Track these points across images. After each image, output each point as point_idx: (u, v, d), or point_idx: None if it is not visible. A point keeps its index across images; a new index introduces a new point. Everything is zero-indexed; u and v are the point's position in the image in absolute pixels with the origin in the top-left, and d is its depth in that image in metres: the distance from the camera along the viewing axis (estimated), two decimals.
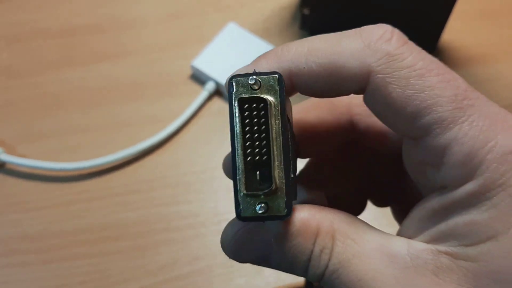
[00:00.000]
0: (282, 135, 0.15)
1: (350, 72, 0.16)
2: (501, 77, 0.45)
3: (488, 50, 0.47)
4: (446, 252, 0.16)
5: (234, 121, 0.15)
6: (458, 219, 0.16)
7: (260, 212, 0.15)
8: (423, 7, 0.42)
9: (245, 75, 0.16)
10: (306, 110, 0.22)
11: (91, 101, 0.44)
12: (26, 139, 0.42)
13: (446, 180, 0.16)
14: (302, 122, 0.22)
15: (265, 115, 0.15)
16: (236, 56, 0.45)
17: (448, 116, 0.16)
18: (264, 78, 0.16)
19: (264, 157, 0.15)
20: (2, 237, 0.38)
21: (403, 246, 0.17)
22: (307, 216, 0.17)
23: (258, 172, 0.16)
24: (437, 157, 0.16)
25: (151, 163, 0.42)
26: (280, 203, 0.16)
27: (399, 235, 0.18)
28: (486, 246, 0.15)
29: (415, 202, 0.19)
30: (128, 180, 0.41)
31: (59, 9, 0.49)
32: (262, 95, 0.15)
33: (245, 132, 0.15)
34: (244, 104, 0.16)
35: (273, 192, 0.15)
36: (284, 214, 0.16)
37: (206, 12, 0.49)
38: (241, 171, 0.15)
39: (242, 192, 0.16)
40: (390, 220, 0.26)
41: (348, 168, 0.24)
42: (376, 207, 0.27)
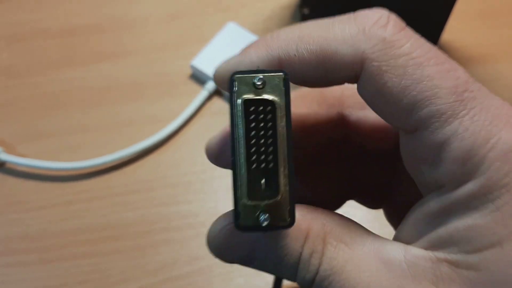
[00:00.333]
0: (287, 138, 0.14)
1: (343, 59, 0.15)
2: (501, 77, 0.45)
3: (488, 50, 0.47)
4: (446, 260, 0.15)
5: (237, 123, 0.14)
6: (458, 223, 0.15)
7: (264, 224, 0.14)
8: (423, 7, 0.42)
9: (248, 72, 0.15)
10: (293, 101, 0.20)
11: (91, 101, 0.44)
12: (26, 138, 0.42)
13: (443, 178, 0.15)
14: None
15: (272, 119, 0.14)
16: None
17: (448, 109, 0.14)
18: (269, 76, 0.14)
19: (271, 164, 0.14)
20: (2, 236, 0.38)
21: (400, 252, 0.16)
22: (297, 217, 0.16)
23: (263, 181, 0.14)
24: (434, 153, 0.15)
25: (151, 163, 0.42)
26: (284, 212, 0.14)
27: (396, 240, 0.17)
28: (489, 253, 0.14)
29: (409, 204, 0.17)
30: (128, 180, 0.41)
31: (59, 9, 0.49)
32: (268, 96, 0.14)
33: (250, 137, 0.14)
34: (249, 106, 0.14)
35: (277, 201, 0.14)
36: (287, 224, 0.15)
37: (206, 12, 0.49)
38: (243, 179, 0.14)
39: (243, 200, 0.14)
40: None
41: (334, 165, 0.23)
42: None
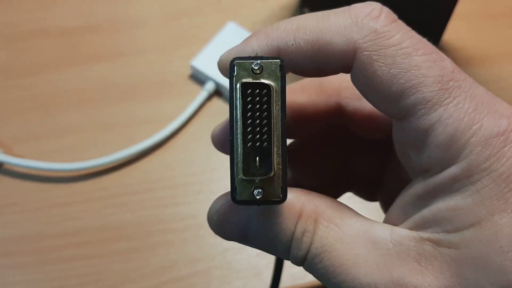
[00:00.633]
0: (281, 121, 0.16)
1: (336, 48, 0.16)
2: (500, 79, 0.45)
3: (489, 51, 0.47)
4: (428, 239, 0.16)
5: (235, 104, 0.15)
6: (441, 205, 0.16)
7: (258, 197, 0.16)
8: (425, 7, 0.42)
9: (247, 58, 0.16)
10: (294, 91, 0.22)
11: (89, 101, 0.44)
12: (23, 139, 0.42)
13: (429, 162, 0.16)
14: (289, 103, 0.21)
15: (267, 101, 0.16)
16: None
17: (433, 96, 0.15)
18: (266, 62, 0.16)
19: (265, 143, 0.16)
20: None
21: (386, 233, 0.16)
22: (291, 198, 0.17)
23: (258, 158, 0.16)
24: (420, 138, 0.16)
25: (150, 164, 0.41)
26: (277, 188, 0.16)
27: (385, 223, 0.18)
28: (469, 233, 0.15)
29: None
30: (126, 181, 0.40)
31: (57, 9, 0.49)
32: (265, 81, 0.15)
33: (246, 118, 0.15)
34: (247, 89, 0.16)
35: (270, 178, 0.16)
36: (280, 199, 0.16)
37: (206, 12, 0.49)
38: (240, 155, 0.16)
39: (240, 176, 0.16)
40: None
41: (331, 155, 0.24)
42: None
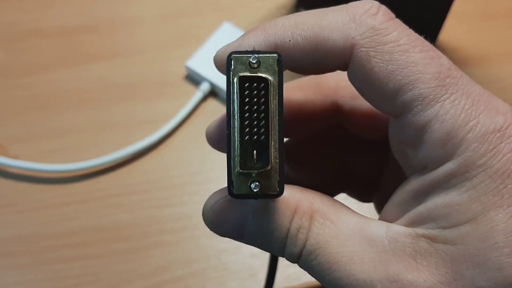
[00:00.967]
0: (278, 115, 0.16)
1: (334, 45, 0.16)
2: (498, 79, 0.45)
3: (486, 51, 0.47)
4: (424, 235, 0.16)
5: (233, 98, 0.15)
6: (436, 201, 0.16)
7: (255, 191, 0.16)
8: (421, 6, 0.42)
9: (245, 53, 0.16)
10: (291, 89, 0.22)
11: (85, 101, 0.44)
12: (18, 140, 0.42)
13: (425, 159, 0.16)
14: (286, 101, 0.21)
15: (265, 95, 0.16)
16: None
17: (430, 93, 0.15)
18: (264, 57, 0.16)
19: (262, 136, 0.16)
20: None
21: (382, 230, 0.16)
22: (287, 194, 0.17)
23: (255, 151, 0.16)
24: (417, 135, 0.16)
25: (145, 165, 0.41)
26: (274, 182, 0.16)
27: (381, 220, 0.18)
28: (465, 229, 0.15)
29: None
30: (122, 182, 0.40)
31: (54, 9, 0.49)
32: (262, 75, 0.15)
33: (244, 111, 0.15)
34: (244, 83, 0.16)
35: (267, 172, 0.16)
36: (277, 192, 0.16)
37: (203, 12, 0.49)
38: (237, 149, 0.16)
39: (237, 169, 0.16)
40: None
41: (327, 154, 0.24)
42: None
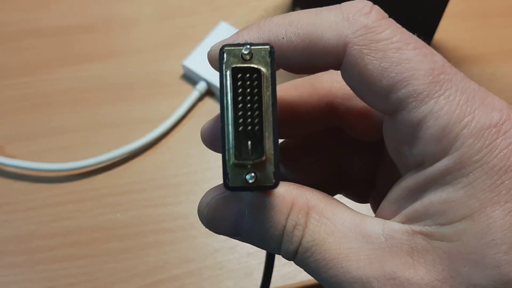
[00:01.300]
0: (272, 106, 0.16)
1: (327, 43, 0.16)
2: (493, 78, 0.45)
3: (481, 50, 0.47)
4: (421, 232, 0.16)
5: (225, 90, 0.15)
6: (433, 197, 0.16)
7: (251, 182, 0.15)
8: (416, 6, 0.42)
9: (237, 45, 0.16)
10: (286, 90, 0.21)
11: (82, 101, 0.44)
12: (15, 139, 0.42)
13: (421, 156, 0.16)
14: (281, 101, 0.21)
15: (258, 86, 0.15)
16: None
17: (424, 89, 0.15)
18: (256, 49, 0.16)
19: (256, 127, 0.15)
20: None
21: (378, 227, 0.16)
22: (283, 191, 0.17)
23: (249, 142, 0.16)
24: (412, 132, 0.16)
25: (142, 164, 0.41)
26: (269, 173, 0.16)
27: (377, 217, 0.18)
28: (462, 226, 0.15)
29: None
30: (118, 181, 0.40)
31: (50, 9, 0.49)
32: (255, 65, 0.16)
33: (237, 102, 0.15)
34: (237, 74, 0.16)
35: (262, 163, 0.16)
36: (273, 184, 0.16)
37: (199, 11, 0.49)
38: (231, 140, 0.15)
39: (232, 161, 0.15)
40: None
41: (322, 156, 0.24)
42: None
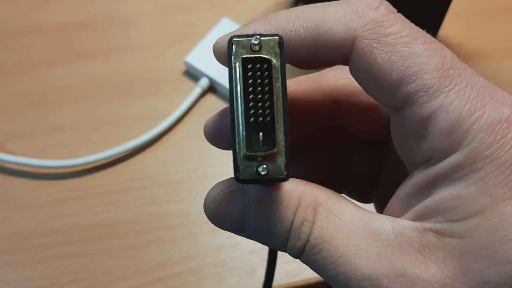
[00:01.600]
0: (282, 98, 0.15)
1: (336, 36, 0.16)
2: (497, 75, 0.45)
3: (485, 47, 0.46)
4: (431, 229, 0.15)
5: (235, 81, 0.15)
6: (443, 193, 0.15)
7: (263, 174, 0.15)
8: (420, 2, 0.42)
9: (245, 36, 0.15)
10: (289, 86, 0.21)
11: (83, 98, 0.44)
12: (16, 136, 0.42)
13: (430, 151, 0.16)
14: None
15: (268, 76, 0.15)
16: None
17: (434, 83, 0.15)
18: (265, 40, 0.15)
19: (268, 118, 0.15)
20: None
21: (388, 224, 0.16)
22: (290, 186, 0.17)
23: (261, 134, 0.15)
24: (421, 127, 0.16)
25: (143, 161, 0.41)
26: (280, 165, 0.15)
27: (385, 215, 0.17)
28: (473, 222, 0.15)
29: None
30: (119, 179, 0.40)
31: (50, 6, 0.48)
32: (265, 56, 0.15)
33: (248, 93, 0.15)
34: (247, 64, 0.15)
35: (273, 155, 0.15)
36: (284, 176, 0.15)
37: (201, 8, 0.49)
38: (242, 132, 0.15)
39: (243, 153, 0.15)
40: None
41: (326, 154, 0.24)
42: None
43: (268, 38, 0.15)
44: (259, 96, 0.15)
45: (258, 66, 0.15)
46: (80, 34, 0.47)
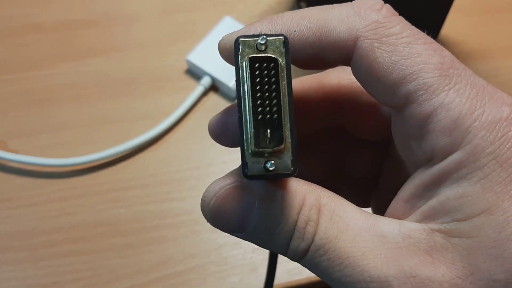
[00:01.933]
0: (288, 96, 0.16)
1: (338, 36, 0.17)
2: (498, 74, 0.45)
3: (487, 46, 0.46)
4: (439, 230, 0.15)
5: (243, 80, 0.16)
6: (448, 193, 0.15)
7: (271, 169, 0.15)
8: (422, 2, 0.42)
9: (251, 36, 0.16)
10: (292, 87, 0.21)
11: (85, 96, 0.44)
12: (17, 134, 0.42)
13: (432, 150, 0.16)
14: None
15: (275, 75, 0.16)
16: None
17: (434, 82, 0.15)
18: (270, 40, 0.16)
19: (275, 115, 0.16)
20: None
21: (394, 226, 0.16)
22: (294, 186, 0.17)
23: (268, 131, 0.16)
24: (422, 125, 0.16)
25: (145, 159, 0.41)
26: (287, 161, 0.16)
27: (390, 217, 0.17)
28: (480, 220, 0.15)
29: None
30: (121, 177, 0.40)
31: (52, 4, 0.48)
32: (271, 55, 0.16)
33: (255, 91, 0.16)
34: (254, 64, 0.16)
35: (280, 151, 0.16)
36: (291, 171, 0.16)
37: (203, 6, 0.49)
38: (250, 129, 0.16)
39: (251, 149, 0.15)
40: None
41: (326, 155, 0.24)
42: None
43: (274, 38, 0.16)
44: (266, 94, 0.16)
45: (265, 65, 0.16)
46: (82, 32, 0.47)
